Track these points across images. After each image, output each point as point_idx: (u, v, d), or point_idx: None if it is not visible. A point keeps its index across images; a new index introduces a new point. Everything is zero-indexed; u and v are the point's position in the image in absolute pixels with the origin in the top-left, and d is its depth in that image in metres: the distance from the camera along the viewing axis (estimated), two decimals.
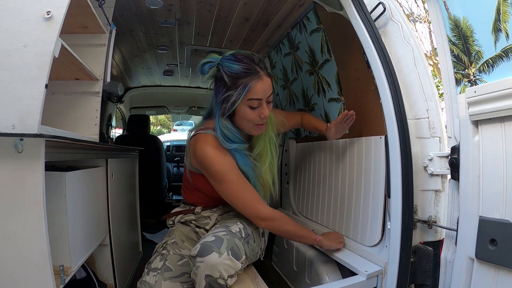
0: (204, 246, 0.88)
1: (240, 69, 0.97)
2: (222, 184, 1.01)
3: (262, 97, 0.99)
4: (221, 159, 1.00)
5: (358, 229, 1.29)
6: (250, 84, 0.96)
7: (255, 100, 0.98)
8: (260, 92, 0.98)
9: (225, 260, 0.87)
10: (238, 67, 0.97)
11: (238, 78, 0.97)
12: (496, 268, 0.77)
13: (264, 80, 0.98)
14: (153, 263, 1.03)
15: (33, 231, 0.73)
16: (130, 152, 1.90)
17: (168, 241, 1.10)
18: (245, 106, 0.99)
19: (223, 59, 1.01)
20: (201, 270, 0.88)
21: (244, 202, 1.01)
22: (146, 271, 1.02)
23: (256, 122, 1.02)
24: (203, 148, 1.00)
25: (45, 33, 0.76)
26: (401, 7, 6.85)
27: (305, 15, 1.54)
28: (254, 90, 0.97)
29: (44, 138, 0.73)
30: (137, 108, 3.60)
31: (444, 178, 1.05)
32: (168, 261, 1.03)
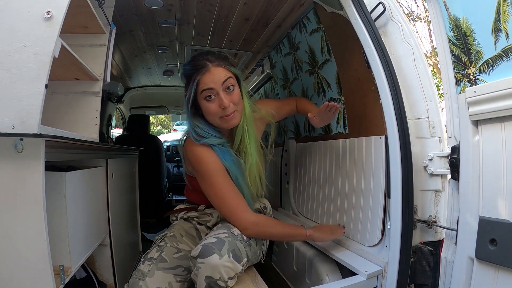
0: (205, 247, 0.88)
1: (189, 68, 1.03)
2: (208, 185, 1.02)
3: (213, 86, 0.99)
4: (209, 159, 1.02)
5: (358, 229, 1.29)
6: (198, 77, 1.00)
7: (207, 90, 1.00)
8: (208, 82, 0.99)
9: (226, 262, 0.87)
10: (187, 66, 1.04)
11: (189, 77, 1.02)
12: (496, 268, 0.77)
13: (212, 70, 1.00)
14: (150, 253, 1.05)
15: (33, 231, 0.73)
16: (130, 152, 1.90)
17: (167, 234, 1.12)
18: (202, 100, 1.02)
19: (183, 65, 1.09)
20: (201, 271, 0.88)
21: (229, 208, 1.01)
22: (142, 260, 1.03)
23: (219, 114, 1.01)
24: (191, 149, 1.04)
25: (45, 33, 0.76)
26: (401, 7, 6.84)
27: (305, 15, 1.54)
28: (202, 81, 0.99)
29: (44, 138, 0.73)
30: (137, 108, 3.61)
31: (444, 178, 1.05)
32: (165, 252, 1.04)
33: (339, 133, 1.51)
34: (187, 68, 1.03)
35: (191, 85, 1.01)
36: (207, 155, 1.03)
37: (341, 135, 1.48)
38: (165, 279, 0.98)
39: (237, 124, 1.06)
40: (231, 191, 1.02)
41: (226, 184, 1.02)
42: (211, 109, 1.01)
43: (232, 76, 1.03)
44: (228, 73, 1.02)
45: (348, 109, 1.43)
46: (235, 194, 1.02)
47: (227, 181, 1.02)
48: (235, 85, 1.04)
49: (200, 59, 1.02)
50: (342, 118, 1.48)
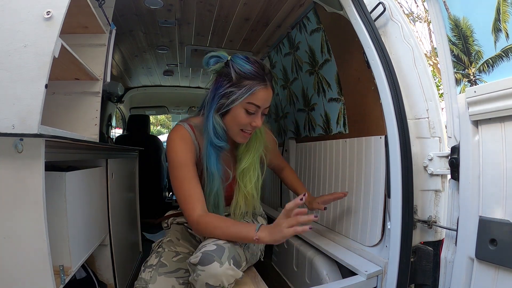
0: (205, 255, 0.87)
1: (250, 70, 0.97)
2: (173, 173, 1.01)
3: (261, 105, 0.99)
4: (182, 151, 1.00)
5: (358, 229, 1.29)
6: (255, 88, 0.96)
7: (254, 106, 0.98)
8: (261, 100, 0.98)
9: (227, 270, 0.86)
10: (249, 67, 0.98)
11: (245, 78, 0.97)
12: (496, 268, 0.77)
13: (268, 90, 0.99)
14: (149, 261, 1.04)
15: (33, 231, 0.73)
16: (130, 152, 1.90)
17: (164, 240, 1.11)
18: (241, 108, 0.99)
19: (235, 57, 1.01)
20: (201, 278, 0.87)
21: (182, 199, 0.99)
22: (143, 269, 1.02)
23: (245, 128, 1.02)
24: (171, 135, 1.03)
25: (45, 33, 0.76)
26: (401, 7, 6.85)
27: (305, 15, 1.54)
28: (257, 95, 0.97)
29: (44, 138, 0.73)
30: (137, 108, 3.61)
31: (444, 178, 1.05)
32: (163, 257, 1.03)
33: (339, 133, 1.51)
34: (248, 68, 0.98)
35: (244, 89, 0.96)
36: (183, 147, 1.01)
37: (341, 135, 1.48)
38: (168, 283, 0.98)
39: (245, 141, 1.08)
40: (191, 184, 0.99)
41: (189, 179, 0.99)
42: (243, 121, 1.00)
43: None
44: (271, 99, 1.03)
45: (348, 109, 1.43)
46: (193, 188, 0.98)
47: (190, 177, 0.99)
48: None
49: (263, 71, 0.99)
50: (342, 118, 1.48)
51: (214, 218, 0.97)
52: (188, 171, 1.00)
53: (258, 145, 1.13)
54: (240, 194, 1.12)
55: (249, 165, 1.11)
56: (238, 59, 1.00)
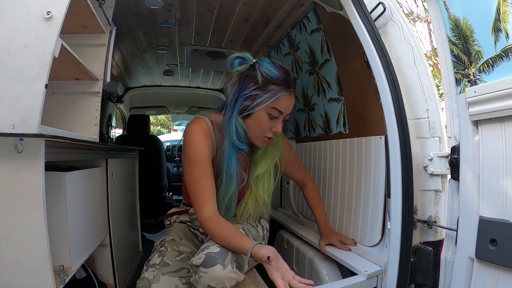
0: (208, 257, 0.86)
1: (277, 75, 0.98)
2: (188, 167, 0.99)
3: (284, 111, 1.00)
4: (202, 145, 0.99)
5: (358, 229, 1.29)
6: (281, 94, 0.98)
7: (277, 111, 0.99)
8: (285, 106, 1.00)
9: (230, 273, 0.86)
10: (276, 72, 0.98)
11: (271, 83, 0.98)
12: (496, 268, 0.77)
13: (292, 97, 1.02)
14: (152, 260, 1.04)
15: (33, 231, 0.73)
16: (130, 152, 1.90)
17: (166, 239, 1.11)
18: (265, 113, 0.99)
19: (262, 60, 1.02)
20: (204, 280, 0.86)
21: (196, 195, 0.98)
22: (145, 268, 1.02)
23: (266, 133, 1.02)
24: (191, 128, 1.01)
25: (45, 33, 0.76)
26: (401, 7, 6.84)
27: (305, 15, 1.54)
28: (281, 101, 0.98)
29: (44, 138, 0.73)
30: (137, 108, 3.61)
31: (444, 178, 1.05)
32: (166, 257, 1.03)
33: (339, 133, 1.51)
34: (275, 74, 0.98)
35: (270, 93, 0.97)
36: (202, 139, 0.99)
37: (341, 135, 1.48)
38: (171, 283, 0.98)
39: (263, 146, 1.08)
40: (203, 182, 0.98)
41: (203, 174, 0.98)
42: (265, 126, 1.00)
43: None
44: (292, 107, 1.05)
45: (348, 109, 1.43)
46: (202, 188, 0.98)
47: (205, 173, 0.99)
48: None
49: (288, 78, 1.00)
50: (342, 118, 1.48)
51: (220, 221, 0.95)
52: (205, 167, 0.99)
53: (275, 152, 1.13)
54: (251, 197, 1.11)
55: (264, 171, 1.11)
56: (266, 63, 1.00)
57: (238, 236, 0.93)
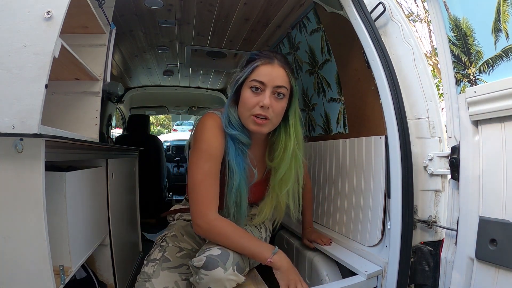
0: (209, 260, 0.86)
1: (258, 54, 0.96)
2: (197, 163, 0.94)
3: (265, 81, 0.92)
4: (215, 141, 0.95)
5: (358, 229, 1.29)
6: (257, 64, 0.94)
7: (257, 82, 0.92)
8: (265, 76, 0.92)
9: (230, 275, 0.86)
10: (254, 53, 0.97)
11: (250, 61, 0.96)
12: (496, 268, 0.77)
13: (274, 66, 0.94)
14: (152, 254, 1.04)
15: (33, 231, 0.73)
16: (130, 152, 1.90)
17: (168, 234, 1.10)
18: (247, 88, 0.94)
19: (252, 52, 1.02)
20: (204, 282, 0.87)
21: (199, 196, 0.93)
22: (146, 262, 1.02)
23: (254, 111, 0.93)
24: (205, 121, 0.98)
25: (45, 33, 0.76)
26: (401, 7, 6.83)
27: (305, 15, 1.54)
28: (259, 71, 0.93)
29: (44, 138, 0.73)
30: (137, 108, 3.61)
31: (444, 178, 1.05)
32: (167, 252, 1.03)
33: (339, 133, 1.51)
34: (254, 54, 0.98)
35: (247, 68, 0.95)
36: (215, 133, 0.96)
37: (341, 135, 1.48)
38: (171, 278, 0.97)
39: (264, 133, 0.99)
40: (210, 182, 0.94)
41: (211, 174, 0.94)
42: (249, 101, 0.93)
43: (288, 88, 0.97)
44: (286, 81, 0.96)
45: (348, 109, 1.43)
46: (211, 186, 0.94)
47: (212, 173, 0.94)
48: (286, 97, 0.97)
49: (270, 53, 0.97)
50: (342, 118, 1.48)
51: (228, 226, 0.93)
52: (214, 166, 0.95)
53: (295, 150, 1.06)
54: (271, 202, 1.08)
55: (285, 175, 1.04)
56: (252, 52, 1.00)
57: (255, 242, 0.94)
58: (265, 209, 1.09)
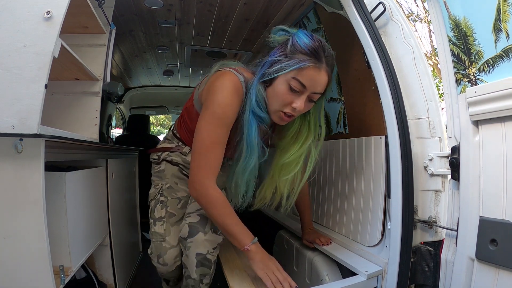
0: (191, 227, 0.98)
1: (307, 45, 0.86)
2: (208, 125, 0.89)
3: (307, 85, 0.87)
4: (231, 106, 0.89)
5: (358, 229, 1.29)
6: (306, 63, 0.85)
7: (299, 83, 0.87)
8: (309, 79, 0.87)
9: (209, 237, 0.98)
10: (308, 42, 0.87)
11: (299, 52, 0.87)
12: (496, 269, 0.77)
13: (321, 72, 0.88)
14: (155, 212, 1.11)
15: (33, 231, 0.73)
16: (130, 152, 1.90)
17: (163, 187, 1.14)
18: (284, 82, 0.88)
19: (300, 31, 0.91)
20: (192, 250, 0.97)
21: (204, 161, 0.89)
22: (152, 221, 1.11)
23: (284, 108, 0.90)
24: (224, 81, 0.90)
25: (45, 33, 0.76)
26: (401, 7, 6.84)
27: (305, 15, 1.54)
28: (305, 71, 0.86)
29: (44, 138, 0.73)
30: (137, 108, 3.61)
31: (444, 178, 1.05)
32: (169, 207, 1.11)
33: (339, 133, 1.51)
34: (306, 42, 0.86)
35: (293, 61, 0.85)
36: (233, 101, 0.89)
37: (341, 135, 1.48)
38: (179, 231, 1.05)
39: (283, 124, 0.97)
40: (217, 150, 0.90)
41: (220, 142, 0.90)
42: (284, 97, 0.88)
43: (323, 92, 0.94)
44: (324, 86, 0.92)
45: (348, 109, 1.43)
46: (217, 154, 0.90)
47: (222, 140, 0.90)
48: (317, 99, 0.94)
49: (322, 52, 0.87)
50: (342, 118, 1.48)
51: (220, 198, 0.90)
52: (225, 133, 0.91)
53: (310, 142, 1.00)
54: (270, 186, 1.05)
55: (291, 161, 1.00)
56: (301, 33, 0.90)
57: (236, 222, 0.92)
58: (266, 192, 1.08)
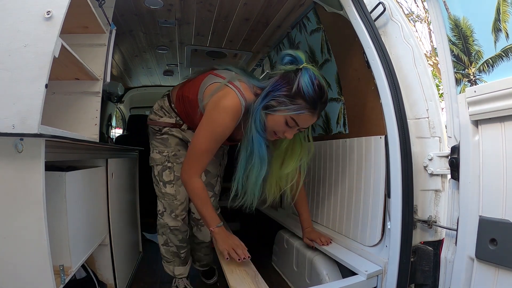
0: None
1: (309, 94, 1.02)
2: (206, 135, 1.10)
3: (300, 124, 1.07)
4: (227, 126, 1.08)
5: (358, 229, 1.29)
6: (304, 111, 1.03)
7: (295, 123, 1.06)
8: (303, 122, 1.07)
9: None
10: (311, 91, 1.02)
11: (301, 97, 1.03)
12: (496, 268, 0.77)
13: (314, 116, 1.07)
14: (164, 176, 1.35)
15: (33, 231, 0.73)
16: (130, 152, 1.90)
17: (169, 154, 1.36)
18: (283, 118, 1.05)
19: (307, 70, 1.04)
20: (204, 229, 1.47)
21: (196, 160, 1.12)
22: (162, 184, 1.34)
23: (278, 134, 1.11)
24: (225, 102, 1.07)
25: (45, 33, 0.76)
26: (401, 7, 6.83)
27: (305, 15, 1.55)
28: (302, 116, 1.04)
29: (44, 138, 0.73)
30: (137, 108, 3.61)
31: (444, 178, 1.05)
32: (176, 171, 1.35)
33: (339, 133, 1.51)
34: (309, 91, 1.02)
35: (295, 106, 1.03)
36: (230, 122, 1.08)
37: (341, 135, 1.49)
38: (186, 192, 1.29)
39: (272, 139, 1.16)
40: (208, 155, 1.13)
41: (212, 149, 1.13)
42: (279, 128, 1.08)
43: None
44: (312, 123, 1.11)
45: (348, 109, 1.43)
46: (207, 158, 1.13)
47: (214, 148, 1.13)
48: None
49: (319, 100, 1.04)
50: (342, 118, 1.48)
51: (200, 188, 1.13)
52: (217, 144, 1.13)
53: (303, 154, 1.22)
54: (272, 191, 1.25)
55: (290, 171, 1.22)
56: (307, 76, 1.02)
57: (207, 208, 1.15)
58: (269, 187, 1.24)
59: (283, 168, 1.22)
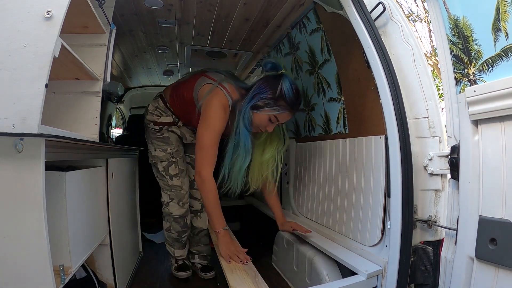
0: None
1: (290, 98, 1.27)
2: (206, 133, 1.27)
3: (281, 121, 1.32)
4: (221, 119, 1.29)
5: (358, 229, 1.29)
6: (285, 111, 1.29)
7: (276, 119, 1.30)
8: (283, 119, 1.32)
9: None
10: (291, 96, 1.27)
11: (283, 100, 1.27)
12: (496, 268, 0.77)
13: (291, 115, 1.32)
14: (171, 170, 1.54)
15: (33, 231, 0.73)
16: (130, 152, 1.90)
17: (173, 150, 1.55)
18: (267, 116, 1.29)
19: (287, 77, 1.29)
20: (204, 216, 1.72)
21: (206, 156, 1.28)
22: (168, 177, 1.54)
23: (261, 128, 1.34)
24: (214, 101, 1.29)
25: (45, 33, 0.76)
26: (400, 7, 6.82)
27: (305, 15, 1.55)
28: (283, 115, 1.30)
29: (44, 138, 0.73)
30: (137, 108, 3.61)
31: (444, 178, 1.05)
32: (180, 165, 1.57)
33: (339, 133, 1.51)
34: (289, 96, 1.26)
35: (278, 107, 1.27)
36: (222, 116, 1.29)
37: (341, 135, 1.49)
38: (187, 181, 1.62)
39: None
40: (214, 149, 1.29)
41: (215, 143, 1.29)
42: (264, 123, 1.31)
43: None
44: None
45: (348, 109, 1.43)
46: (214, 151, 1.29)
47: (217, 141, 1.29)
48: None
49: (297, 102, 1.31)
50: (342, 118, 1.48)
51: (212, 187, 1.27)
52: (217, 136, 1.29)
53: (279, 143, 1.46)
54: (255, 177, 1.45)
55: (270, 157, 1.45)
56: (288, 82, 1.27)
57: (218, 210, 1.29)
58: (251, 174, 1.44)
59: (264, 154, 1.44)
